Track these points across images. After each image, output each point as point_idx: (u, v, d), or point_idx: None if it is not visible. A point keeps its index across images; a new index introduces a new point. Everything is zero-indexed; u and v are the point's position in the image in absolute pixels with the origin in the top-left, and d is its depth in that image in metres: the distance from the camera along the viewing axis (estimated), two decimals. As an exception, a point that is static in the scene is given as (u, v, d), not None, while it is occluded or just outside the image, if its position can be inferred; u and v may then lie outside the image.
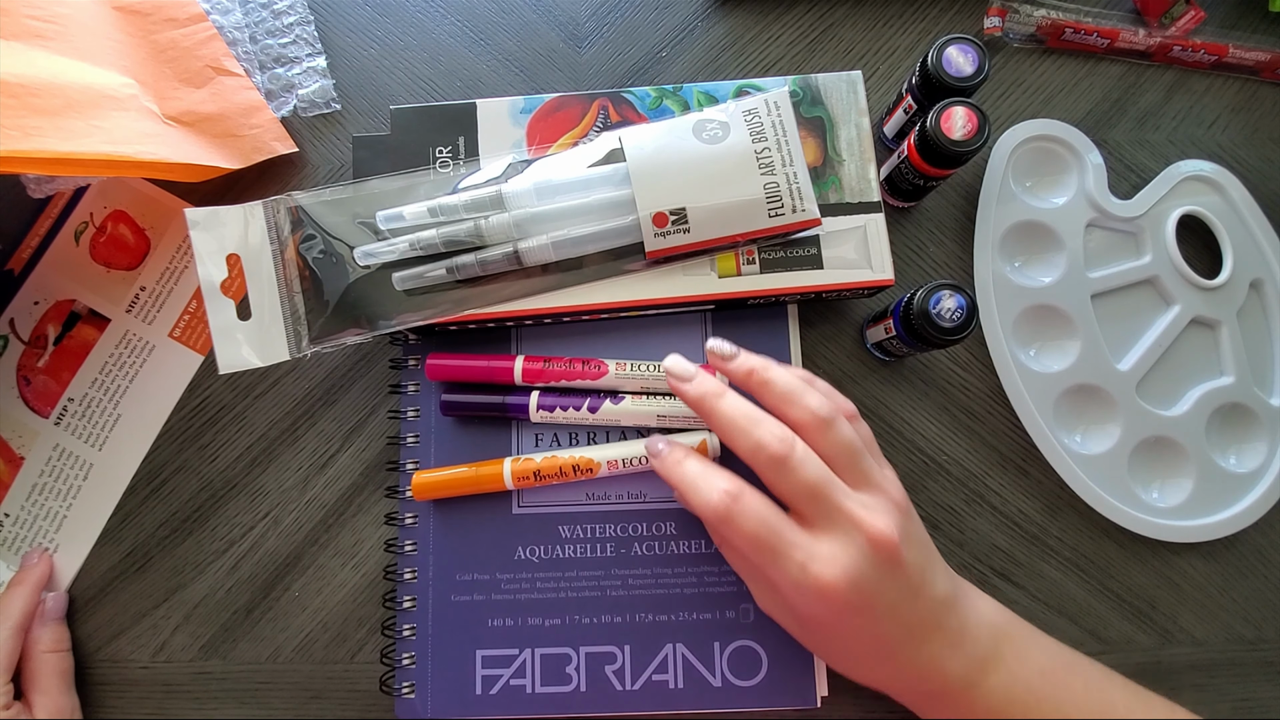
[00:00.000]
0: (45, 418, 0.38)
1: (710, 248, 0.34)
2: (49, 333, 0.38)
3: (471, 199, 0.33)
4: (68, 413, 0.38)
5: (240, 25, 0.40)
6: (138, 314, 0.39)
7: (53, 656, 0.35)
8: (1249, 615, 0.37)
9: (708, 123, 0.34)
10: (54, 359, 0.38)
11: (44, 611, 0.36)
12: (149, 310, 0.39)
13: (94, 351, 0.38)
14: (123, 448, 0.38)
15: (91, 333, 0.38)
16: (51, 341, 0.38)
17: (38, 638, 0.35)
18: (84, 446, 0.38)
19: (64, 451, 0.38)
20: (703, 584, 0.35)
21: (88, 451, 0.38)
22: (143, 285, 0.39)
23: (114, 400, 0.38)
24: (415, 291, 0.34)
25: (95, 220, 0.39)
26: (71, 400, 0.38)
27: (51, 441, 0.38)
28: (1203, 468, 0.37)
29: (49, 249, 0.39)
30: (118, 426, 0.38)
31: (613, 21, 0.41)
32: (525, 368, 0.35)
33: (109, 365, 0.38)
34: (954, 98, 0.32)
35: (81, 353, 0.38)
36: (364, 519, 0.37)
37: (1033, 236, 0.38)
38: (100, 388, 0.38)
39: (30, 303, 0.39)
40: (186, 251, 0.39)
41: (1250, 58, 0.40)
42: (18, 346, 0.38)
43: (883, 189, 0.38)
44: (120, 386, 0.38)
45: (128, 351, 0.38)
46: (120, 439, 0.38)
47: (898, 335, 0.34)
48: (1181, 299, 0.38)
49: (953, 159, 0.32)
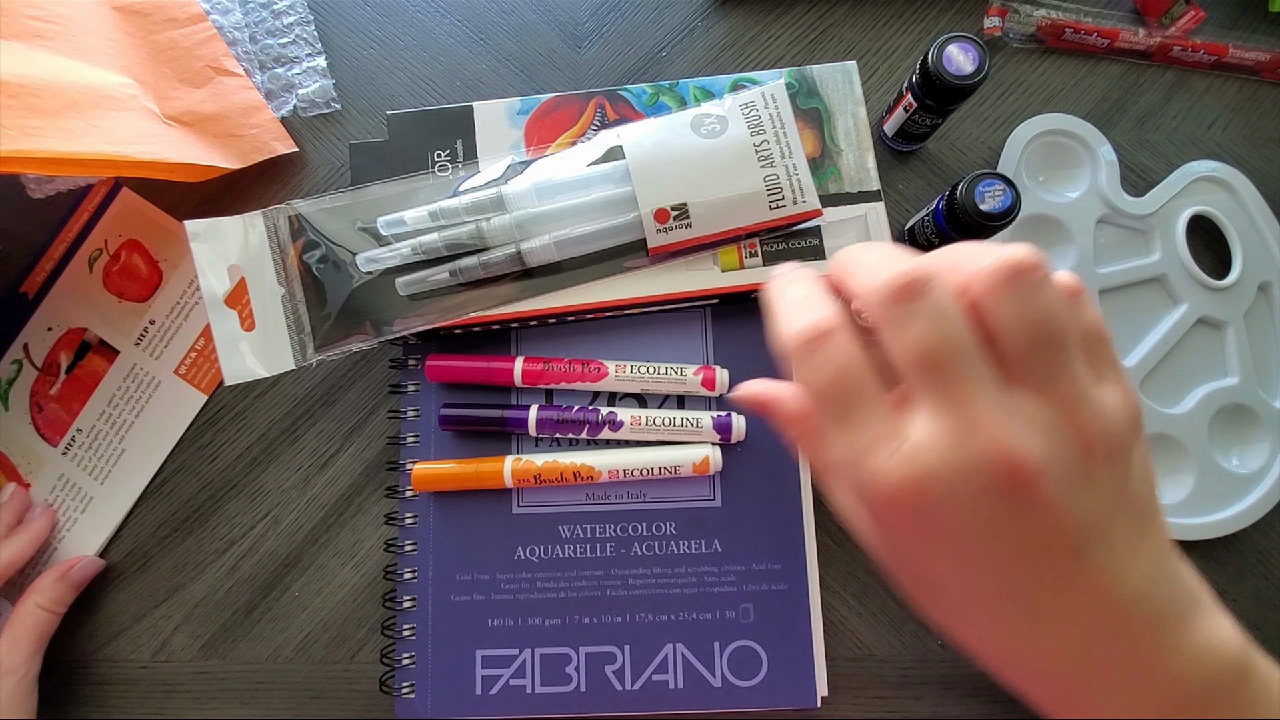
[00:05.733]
0: (54, 446, 0.38)
1: (712, 242, 0.34)
2: (61, 360, 0.38)
3: (472, 201, 0.33)
4: (75, 443, 0.38)
5: (240, 25, 0.40)
6: (146, 348, 0.38)
7: (42, 614, 0.34)
8: (1249, 615, 0.37)
9: (705, 117, 0.34)
10: (65, 387, 0.38)
11: (68, 571, 0.35)
12: (157, 345, 0.38)
13: (103, 383, 0.38)
14: (122, 483, 0.37)
15: (101, 363, 0.38)
16: (64, 370, 0.38)
17: (40, 588, 0.34)
18: (87, 479, 0.38)
19: (68, 482, 0.38)
20: (703, 584, 0.35)
21: (90, 484, 0.38)
22: (152, 319, 0.39)
23: (119, 434, 0.38)
24: (419, 296, 0.34)
25: (109, 248, 0.39)
26: (80, 431, 0.38)
27: (58, 471, 0.38)
28: (1204, 467, 0.37)
29: (63, 274, 0.39)
30: (120, 461, 0.38)
31: (613, 21, 0.41)
32: (525, 369, 0.35)
33: (116, 398, 0.38)
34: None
35: (91, 383, 0.38)
36: (364, 519, 0.37)
37: (1043, 230, 0.38)
38: (107, 420, 0.38)
39: (44, 329, 0.39)
40: (197, 289, 0.38)
41: (1250, 58, 0.40)
42: (31, 372, 0.38)
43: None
44: (126, 421, 0.38)
45: (135, 386, 0.38)
46: (121, 474, 0.38)
47: (939, 231, 0.34)
48: (1189, 298, 0.38)
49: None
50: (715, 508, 0.35)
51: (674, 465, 0.34)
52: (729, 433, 0.35)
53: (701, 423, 0.35)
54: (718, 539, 0.35)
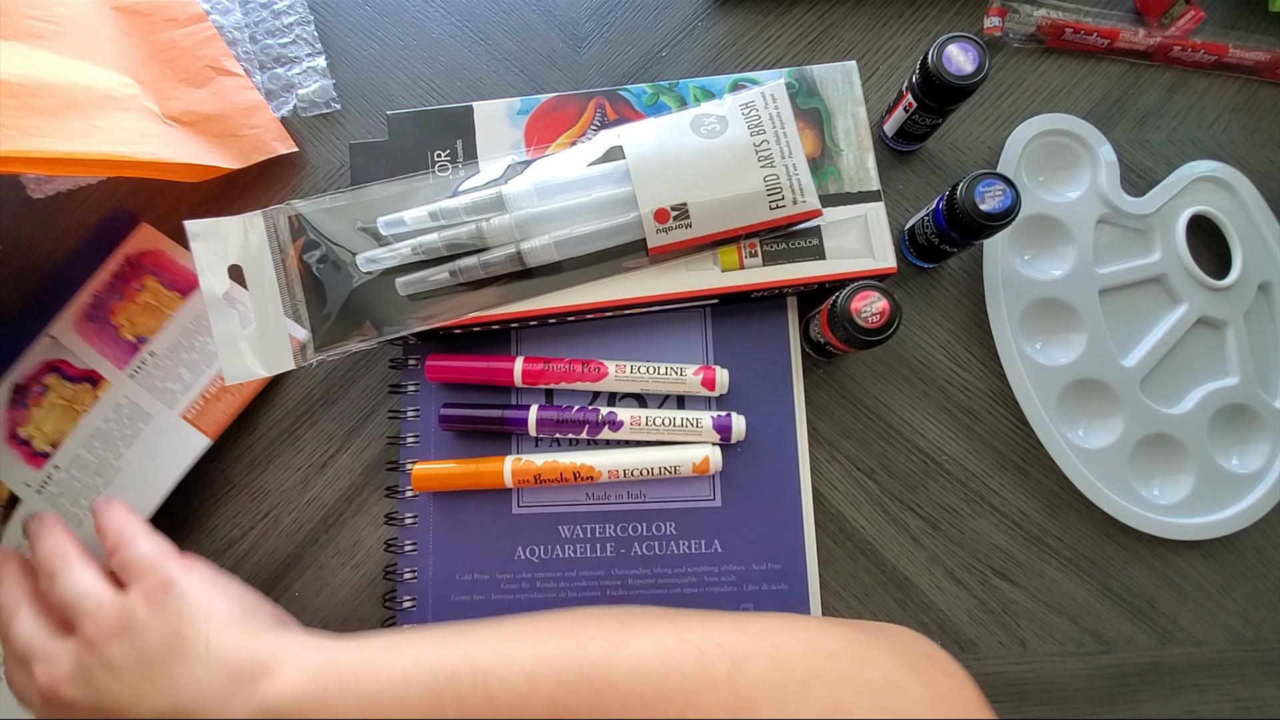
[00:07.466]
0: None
1: (712, 242, 0.34)
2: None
3: (472, 201, 0.33)
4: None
5: (240, 25, 0.40)
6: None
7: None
8: (1249, 615, 0.37)
9: (705, 118, 0.34)
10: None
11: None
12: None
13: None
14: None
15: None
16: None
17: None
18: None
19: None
20: (703, 584, 0.35)
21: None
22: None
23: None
24: (419, 296, 0.34)
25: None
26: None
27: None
28: (1203, 466, 0.37)
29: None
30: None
31: (613, 21, 0.41)
32: (525, 369, 0.35)
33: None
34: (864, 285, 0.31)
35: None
36: (364, 519, 0.37)
37: (1043, 230, 0.38)
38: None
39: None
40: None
41: (1250, 58, 0.40)
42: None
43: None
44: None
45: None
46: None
47: (939, 231, 0.34)
48: (1189, 298, 0.38)
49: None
50: (715, 508, 0.35)
51: (674, 465, 0.34)
52: (729, 433, 0.35)
53: (701, 423, 0.35)
54: (718, 539, 0.35)
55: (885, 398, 0.38)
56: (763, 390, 0.36)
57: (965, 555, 0.37)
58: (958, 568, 0.37)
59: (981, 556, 0.37)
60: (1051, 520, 0.37)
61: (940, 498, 0.37)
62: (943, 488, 0.37)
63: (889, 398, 0.38)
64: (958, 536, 0.37)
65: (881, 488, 0.37)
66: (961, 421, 0.38)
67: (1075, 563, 0.37)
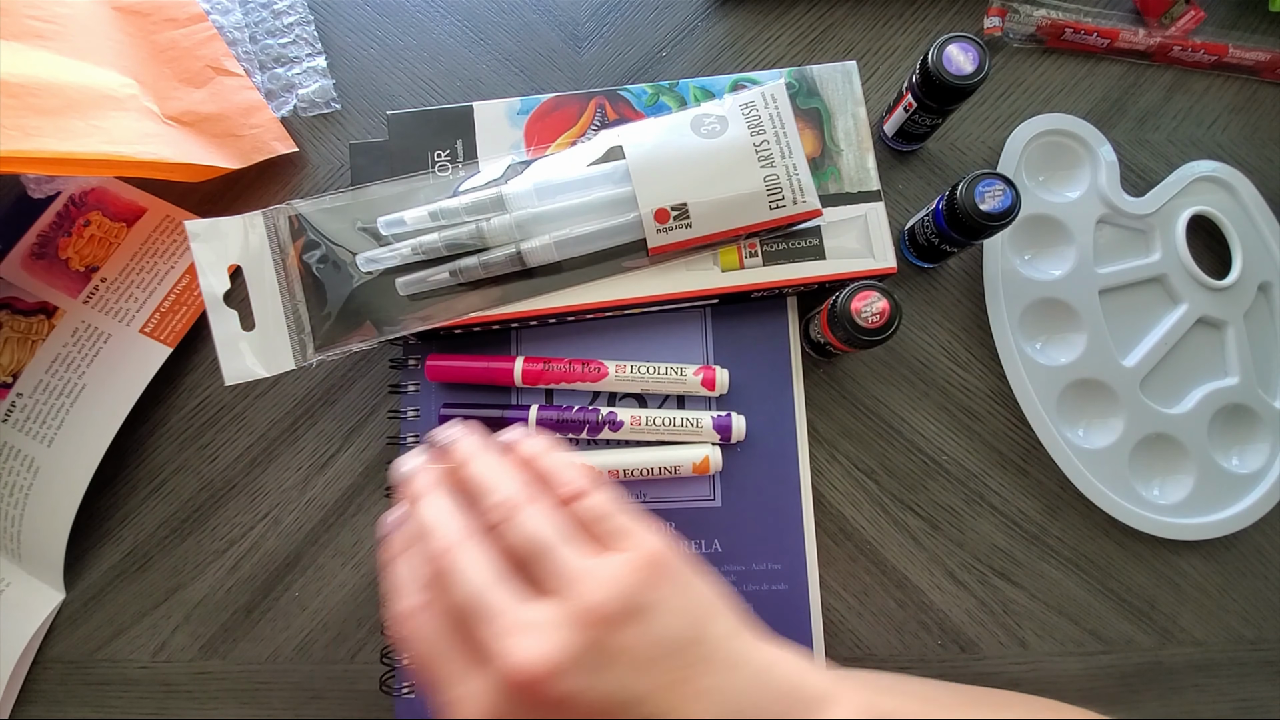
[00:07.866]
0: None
1: (712, 242, 0.34)
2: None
3: (473, 201, 0.33)
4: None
5: (240, 25, 0.40)
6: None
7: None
8: (1249, 615, 0.37)
9: (705, 118, 0.34)
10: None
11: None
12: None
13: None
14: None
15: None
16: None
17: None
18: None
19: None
20: (703, 584, 0.35)
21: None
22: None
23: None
24: (419, 296, 0.34)
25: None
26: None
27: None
28: (1203, 466, 0.37)
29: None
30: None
31: (613, 21, 0.41)
32: (525, 369, 0.35)
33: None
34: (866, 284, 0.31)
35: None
36: (364, 519, 0.37)
37: (1043, 230, 0.39)
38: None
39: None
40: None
41: (1250, 58, 0.40)
42: None
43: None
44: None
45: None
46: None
47: (939, 231, 0.34)
48: (1189, 298, 0.38)
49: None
50: (715, 508, 0.35)
51: (674, 465, 0.34)
52: (729, 433, 0.35)
53: (701, 423, 0.35)
54: (718, 539, 0.35)
55: (885, 398, 0.38)
56: (763, 390, 0.36)
57: (965, 555, 0.37)
58: (958, 568, 0.37)
59: (981, 556, 0.37)
60: (1051, 520, 0.37)
61: (940, 498, 0.37)
62: (943, 488, 0.37)
63: (889, 398, 0.38)
64: (958, 536, 0.37)
65: (881, 488, 0.37)
66: (961, 421, 0.38)
67: (1075, 563, 0.37)
